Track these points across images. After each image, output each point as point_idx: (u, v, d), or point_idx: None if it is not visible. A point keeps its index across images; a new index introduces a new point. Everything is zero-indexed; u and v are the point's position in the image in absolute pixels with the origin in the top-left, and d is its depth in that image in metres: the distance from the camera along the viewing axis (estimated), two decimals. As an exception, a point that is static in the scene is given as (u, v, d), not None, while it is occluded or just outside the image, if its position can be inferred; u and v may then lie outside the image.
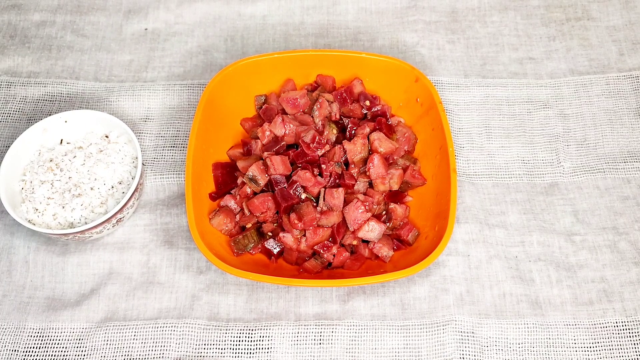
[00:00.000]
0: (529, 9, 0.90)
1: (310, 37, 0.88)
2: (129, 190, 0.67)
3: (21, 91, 0.82)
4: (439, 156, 0.70)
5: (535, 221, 0.72)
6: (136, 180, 0.67)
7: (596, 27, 0.88)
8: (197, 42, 0.87)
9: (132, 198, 0.67)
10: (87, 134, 0.73)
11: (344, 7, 0.90)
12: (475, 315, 0.66)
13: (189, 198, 0.65)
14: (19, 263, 0.70)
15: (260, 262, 0.68)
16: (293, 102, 0.75)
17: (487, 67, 0.84)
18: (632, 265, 0.70)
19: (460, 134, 0.79)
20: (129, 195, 0.66)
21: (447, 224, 0.64)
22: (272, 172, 0.69)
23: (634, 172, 0.76)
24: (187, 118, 0.80)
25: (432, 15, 0.89)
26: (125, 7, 0.90)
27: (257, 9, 0.90)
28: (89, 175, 0.69)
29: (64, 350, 0.65)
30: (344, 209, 0.68)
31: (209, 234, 0.67)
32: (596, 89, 0.82)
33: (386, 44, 0.87)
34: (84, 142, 0.72)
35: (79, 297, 0.68)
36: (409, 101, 0.76)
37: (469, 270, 0.69)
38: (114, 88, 0.83)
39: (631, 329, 0.66)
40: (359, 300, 0.67)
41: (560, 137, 0.79)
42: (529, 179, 0.76)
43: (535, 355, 0.65)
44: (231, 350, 0.65)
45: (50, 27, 0.88)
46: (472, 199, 0.74)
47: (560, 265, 0.70)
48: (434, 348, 0.65)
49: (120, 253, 0.70)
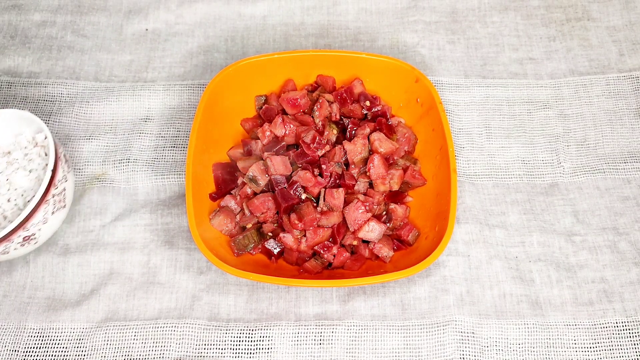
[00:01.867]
0: (529, 9, 0.90)
1: (311, 37, 0.88)
2: (32, 202, 0.54)
3: (21, 91, 0.82)
4: (439, 156, 0.70)
5: (536, 221, 0.72)
6: (41, 190, 0.55)
7: (596, 28, 0.88)
8: (198, 42, 0.87)
9: (37, 211, 0.55)
10: (16, 137, 0.65)
11: (344, 7, 0.90)
12: (476, 315, 0.66)
13: (189, 198, 0.65)
14: (19, 263, 0.70)
15: (260, 263, 0.68)
16: (293, 103, 0.75)
17: (487, 68, 0.84)
18: (632, 266, 0.70)
19: (460, 134, 0.79)
20: (30, 208, 0.54)
21: (447, 224, 0.64)
22: (272, 173, 0.69)
23: (634, 173, 0.76)
24: (187, 118, 0.80)
25: (432, 16, 0.89)
26: (125, 7, 0.90)
27: (258, 10, 0.90)
28: (8, 185, 0.61)
29: (64, 350, 0.65)
30: (344, 209, 0.68)
31: (209, 234, 0.67)
32: (596, 89, 0.82)
33: (386, 44, 0.87)
34: (14, 146, 0.63)
35: (79, 297, 0.68)
36: (409, 101, 0.76)
37: (469, 270, 0.69)
38: (114, 88, 0.83)
39: (631, 329, 0.66)
40: (359, 300, 0.67)
41: (561, 137, 0.79)
42: (529, 179, 0.76)
43: (535, 355, 0.65)
44: (231, 351, 0.65)
45: (51, 27, 0.88)
46: (473, 200, 0.74)
47: (561, 266, 0.70)
48: (434, 348, 0.65)
49: (120, 253, 0.71)
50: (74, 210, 0.73)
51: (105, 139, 0.78)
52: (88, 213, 0.73)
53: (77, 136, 0.79)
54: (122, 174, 0.76)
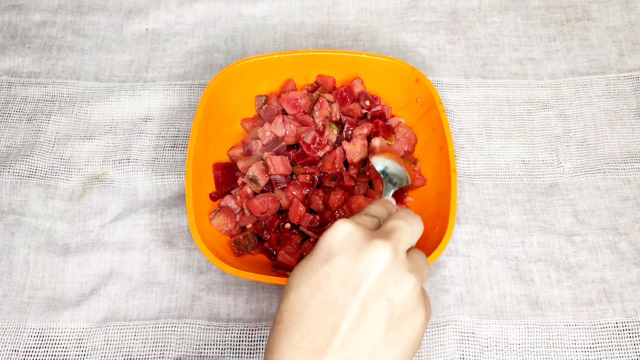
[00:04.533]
0: (529, 9, 0.90)
1: (311, 37, 0.88)
2: None
3: (21, 91, 0.82)
4: (439, 157, 0.70)
5: (536, 222, 0.72)
6: None
7: (596, 28, 0.88)
8: (198, 42, 0.87)
9: None
10: None
11: (344, 7, 0.91)
12: (476, 315, 0.66)
13: (189, 198, 0.65)
14: (19, 263, 0.70)
15: (260, 262, 0.68)
16: (293, 103, 0.75)
17: (487, 68, 0.84)
18: (632, 266, 0.70)
19: (460, 135, 0.79)
20: None
21: (447, 225, 0.63)
22: (273, 172, 0.70)
23: (634, 173, 0.76)
24: (187, 118, 0.80)
25: (432, 16, 0.89)
26: (125, 7, 0.90)
27: (258, 10, 0.90)
28: None
29: (64, 350, 0.65)
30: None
31: (210, 234, 0.67)
32: (596, 89, 0.82)
33: (386, 45, 0.87)
34: None
35: (79, 297, 0.68)
36: (409, 101, 0.76)
37: (469, 270, 0.69)
38: (114, 88, 0.83)
39: (631, 329, 0.66)
40: (359, 300, 0.67)
41: (561, 137, 0.79)
42: (529, 179, 0.76)
43: (535, 355, 0.65)
44: (231, 351, 0.65)
45: (51, 27, 0.88)
46: (472, 200, 0.74)
47: (561, 266, 0.70)
48: (434, 348, 0.65)
49: (120, 253, 0.71)
50: (74, 210, 0.73)
51: (105, 139, 0.78)
52: (88, 213, 0.73)
53: (77, 136, 0.79)
54: (122, 174, 0.76)
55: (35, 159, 0.76)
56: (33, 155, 0.76)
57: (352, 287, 0.45)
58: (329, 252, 0.47)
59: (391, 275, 0.45)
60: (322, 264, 0.46)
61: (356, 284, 0.45)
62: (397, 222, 0.49)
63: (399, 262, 0.46)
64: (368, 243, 0.46)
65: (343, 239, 0.47)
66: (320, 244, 0.47)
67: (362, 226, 0.48)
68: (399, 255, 0.46)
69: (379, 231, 0.48)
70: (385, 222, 0.50)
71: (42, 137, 0.78)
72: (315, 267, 0.47)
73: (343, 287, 0.45)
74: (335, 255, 0.46)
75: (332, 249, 0.47)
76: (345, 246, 0.46)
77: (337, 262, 0.46)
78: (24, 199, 0.74)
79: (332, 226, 0.48)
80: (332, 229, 0.48)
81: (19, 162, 0.75)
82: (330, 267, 0.46)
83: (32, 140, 0.78)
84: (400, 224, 0.49)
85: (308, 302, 0.45)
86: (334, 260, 0.46)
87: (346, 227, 0.47)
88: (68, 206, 0.74)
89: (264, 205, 0.69)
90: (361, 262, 0.45)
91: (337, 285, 0.45)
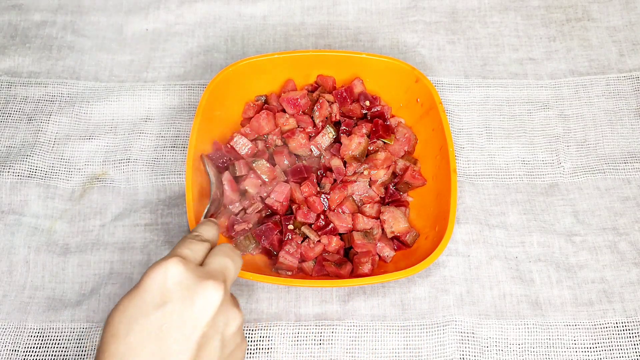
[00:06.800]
0: (529, 9, 0.90)
1: (311, 37, 0.88)
2: None
3: (22, 91, 0.82)
4: (439, 157, 0.70)
5: (536, 222, 0.72)
6: None
7: (596, 28, 0.88)
8: (198, 42, 0.87)
9: None
10: None
11: (344, 7, 0.91)
12: (476, 315, 0.66)
13: (189, 198, 0.65)
14: (19, 263, 0.70)
15: (260, 263, 0.68)
16: (293, 103, 0.75)
17: (487, 68, 0.84)
18: (632, 266, 0.70)
19: (460, 135, 0.79)
20: None
21: (447, 225, 0.64)
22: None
23: (634, 173, 0.76)
24: (187, 118, 0.80)
25: (432, 16, 0.89)
26: (125, 7, 0.90)
27: (258, 10, 0.90)
28: None
29: (64, 350, 0.65)
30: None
31: (209, 234, 0.67)
32: (596, 89, 0.82)
33: (386, 45, 0.87)
34: None
35: (79, 297, 0.68)
36: (409, 101, 0.76)
37: (469, 270, 0.69)
38: (114, 88, 0.83)
39: (631, 329, 0.66)
40: (359, 300, 0.67)
41: (561, 137, 0.79)
42: (529, 179, 0.76)
43: (535, 355, 0.65)
44: (231, 351, 0.65)
45: (51, 27, 0.88)
46: (473, 200, 0.74)
47: (561, 266, 0.70)
48: (434, 348, 0.65)
49: (120, 253, 0.71)
50: (74, 210, 0.73)
51: (105, 139, 0.78)
52: (88, 213, 0.73)
53: (77, 136, 0.79)
54: (122, 174, 0.76)
55: (35, 159, 0.76)
56: (33, 155, 0.76)
57: (189, 332, 0.45)
58: (162, 297, 0.46)
59: (222, 314, 0.47)
60: (154, 310, 0.45)
61: (193, 328, 0.45)
62: (224, 261, 0.50)
63: (227, 300, 0.48)
64: (200, 285, 0.47)
65: (175, 283, 0.46)
66: (149, 285, 0.46)
67: (191, 265, 0.48)
68: (227, 294, 0.48)
69: (209, 271, 0.49)
70: (211, 257, 0.50)
71: (42, 137, 0.78)
72: (145, 311, 0.45)
73: (179, 333, 0.45)
74: (168, 302, 0.45)
75: (164, 295, 0.46)
76: (178, 291, 0.46)
77: (170, 308, 0.45)
78: (24, 199, 0.74)
79: (162, 265, 0.47)
80: (161, 268, 0.46)
81: (19, 162, 0.75)
82: (163, 314, 0.45)
83: (32, 140, 0.78)
84: (227, 263, 0.50)
85: (140, 352, 0.44)
86: (166, 307, 0.45)
87: (177, 270, 0.46)
88: (68, 206, 0.74)
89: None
90: (196, 307, 0.46)
91: (173, 331, 0.45)
